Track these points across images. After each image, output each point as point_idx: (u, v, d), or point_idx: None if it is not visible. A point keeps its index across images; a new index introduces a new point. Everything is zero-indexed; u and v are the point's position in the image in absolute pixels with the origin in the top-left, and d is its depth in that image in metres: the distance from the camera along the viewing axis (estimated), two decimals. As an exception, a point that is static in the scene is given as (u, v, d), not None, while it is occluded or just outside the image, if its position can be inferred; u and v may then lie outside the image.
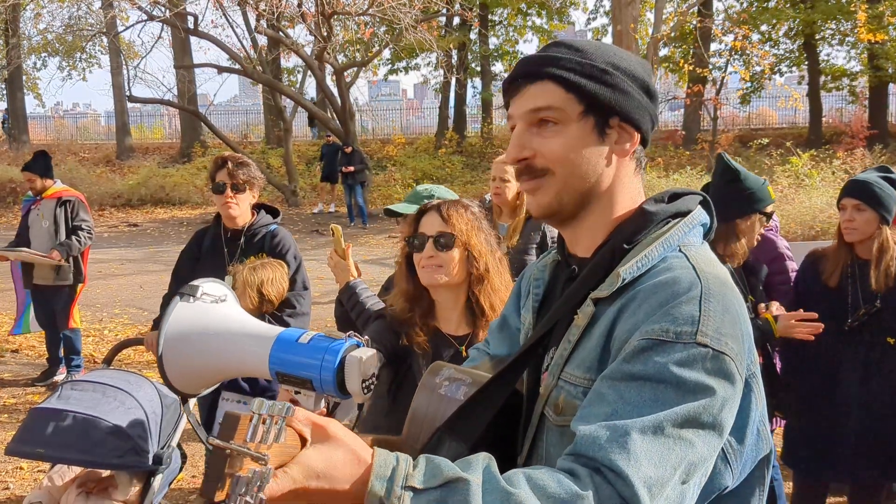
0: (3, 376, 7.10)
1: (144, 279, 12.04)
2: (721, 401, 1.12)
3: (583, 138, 1.31)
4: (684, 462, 1.08)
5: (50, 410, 2.98)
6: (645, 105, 1.34)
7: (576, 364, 1.27)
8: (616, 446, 1.06)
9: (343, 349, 1.50)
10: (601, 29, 29.92)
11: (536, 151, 1.32)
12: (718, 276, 1.23)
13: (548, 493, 1.03)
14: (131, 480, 3.07)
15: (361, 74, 21.91)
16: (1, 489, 4.77)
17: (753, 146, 21.29)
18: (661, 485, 1.06)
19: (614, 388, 1.13)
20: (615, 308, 1.23)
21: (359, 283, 3.01)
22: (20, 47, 25.77)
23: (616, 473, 1.05)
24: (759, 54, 19.90)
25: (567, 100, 1.30)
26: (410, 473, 1.03)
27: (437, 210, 2.44)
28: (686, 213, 1.34)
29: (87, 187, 21.77)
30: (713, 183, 3.50)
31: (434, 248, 2.38)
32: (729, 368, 1.13)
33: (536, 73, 1.32)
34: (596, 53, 1.32)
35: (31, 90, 30.21)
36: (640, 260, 1.25)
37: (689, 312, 1.15)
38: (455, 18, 25.79)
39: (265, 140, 28.47)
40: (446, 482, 1.02)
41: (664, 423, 1.08)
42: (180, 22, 19.20)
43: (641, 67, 1.35)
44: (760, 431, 1.26)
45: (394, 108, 39.04)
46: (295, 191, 21.31)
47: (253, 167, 3.79)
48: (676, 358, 1.12)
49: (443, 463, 1.05)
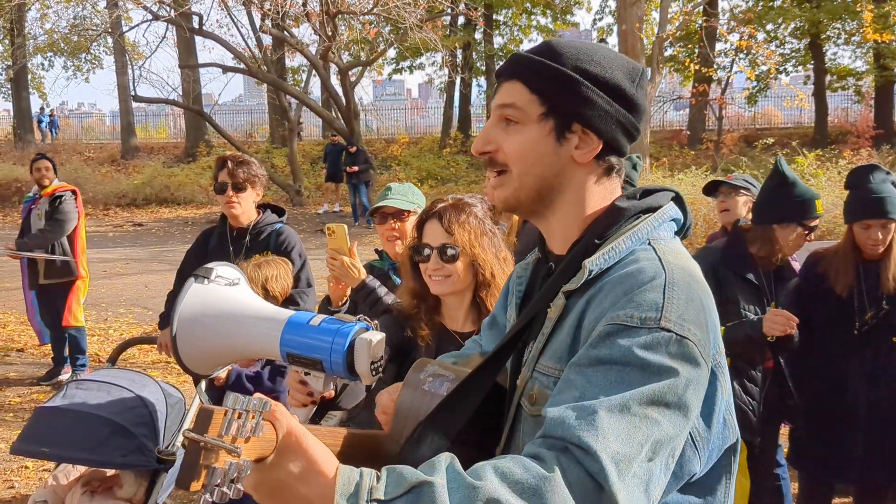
0: (8, 375, 7.10)
1: (149, 278, 12.05)
2: (685, 381, 1.14)
3: (539, 140, 1.34)
4: (650, 440, 1.10)
5: (55, 409, 2.98)
6: (613, 112, 1.33)
7: (548, 355, 1.30)
8: (584, 424, 1.08)
9: (353, 332, 1.54)
10: (606, 28, 29.89)
11: (499, 146, 1.36)
12: (685, 267, 1.26)
13: (514, 479, 1.04)
14: (136, 479, 3.07)
15: (366, 74, 21.95)
16: (6, 488, 4.77)
17: (758, 146, 21.27)
18: (629, 461, 1.07)
19: (581, 373, 1.16)
20: (584, 299, 1.27)
21: (374, 281, 3.00)
22: (25, 47, 25.82)
23: (583, 450, 1.06)
24: (764, 54, 19.88)
25: (530, 101, 1.34)
26: (374, 486, 1.03)
27: (438, 219, 2.41)
28: (657, 208, 1.37)
29: (92, 187, 21.84)
30: (763, 185, 3.47)
31: (439, 261, 2.38)
32: (692, 353, 1.16)
33: (510, 72, 1.37)
34: (573, 58, 1.33)
35: (37, 90, 30.26)
36: (606, 253, 1.28)
37: (653, 299, 1.18)
38: (460, 18, 25.82)
39: (270, 140, 28.51)
40: (410, 488, 1.03)
41: (630, 402, 1.10)
42: (185, 21, 19.23)
43: (624, 74, 1.35)
44: (727, 420, 1.29)
45: (398, 107, 39.04)
46: (300, 190, 21.32)
47: (254, 165, 3.79)
48: (640, 341, 1.14)
49: (405, 470, 1.05)
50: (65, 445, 2.90)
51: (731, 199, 4.43)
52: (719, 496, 1.32)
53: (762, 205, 3.47)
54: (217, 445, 0.98)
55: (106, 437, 2.91)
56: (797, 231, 3.36)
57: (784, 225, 3.34)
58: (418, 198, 3.27)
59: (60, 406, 2.98)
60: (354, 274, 2.97)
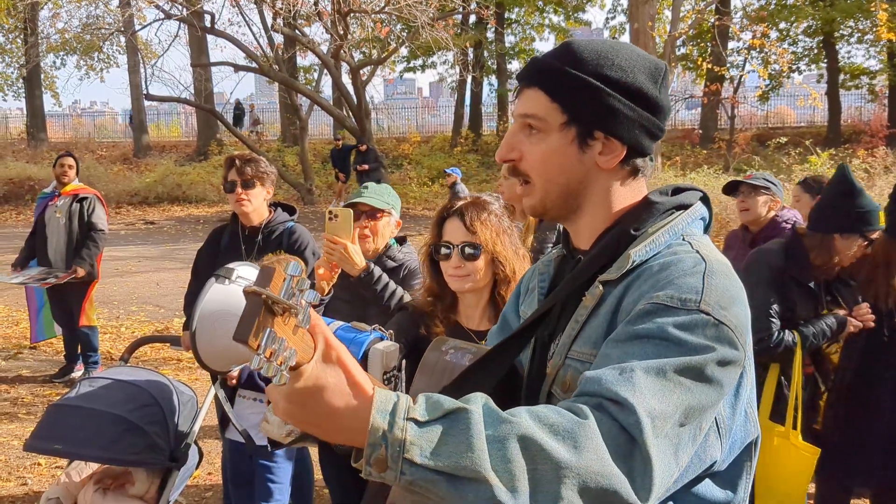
0: (21, 373, 7.13)
1: (161, 276, 12.09)
2: (720, 359, 1.15)
3: (561, 149, 1.34)
4: (684, 404, 1.10)
5: (67, 407, 2.98)
6: (636, 117, 1.33)
7: (582, 342, 1.31)
8: (621, 380, 1.09)
9: (367, 341, 1.56)
10: (618, 27, 29.81)
11: (522, 155, 1.37)
12: (721, 260, 1.28)
13: (549, 422, 1.04)
14: (148, 477, 3.07)
15: (378, 72, 21.92)
16: (19, 485, 4.78)
17: (771, 145, 21.15)
18: (664, 419, 1.08)
19: (618, 347, 1.17)
20: (621, 287, 1.28)
21: (377, 268, 2.98)
22: (38, 46, 25.94)
23: (619, 403, 1.06)
24: (777, 52, 19.76)
25: (551, 109, 1.33)
26: (412, 406, 1.03)
27: (459, 217, 2.43)
28: (688, 206, 1.38)
29: (105, 185, 21.91)
30: (826, 191, 3.37)
31: (460, 258, 2.40)
32: (729, 336, 1.17)
33: (531, 78, 1.36)
34: (593, 63, 1.32)
35: (49, 89, 30.40)
36: (648, 244, 1.30)
37: (693, 284, 1.19)
38: (471, 16, 25.79)
39: (281, 138, 28.56)
40: (447, 413, 1.03)
41: (666, 368, 1.11)
42: (197, 20, 19.27)
43: (646, 74, 1.34)
44: (748, 414, 1.30)
45: (409, 106, 39.05)
46: (311, 189, 21.35)
47: (262, 163, 3.78)
48: (679, 321, 1.15)
49: (442, 398, 1.05)
50: (77, 442, 2.90)
51: (752, 198, 4.40)
52: (740, 492, 1.32)
53: (824, 212, 3.34)
54: (279, 301, 0.97)
55: (118, 435, 2.91)
56: (858, 242, 3.25)
57: (846, 235, 3.24)
58: (394, 199, 3.28)
59: (73, 403, 2.98)
60: (357, 260, 2.92)
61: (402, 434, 1.00)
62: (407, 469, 1.00)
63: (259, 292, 0.97)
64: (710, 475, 1.26)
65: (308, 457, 3.84)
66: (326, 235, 2.93)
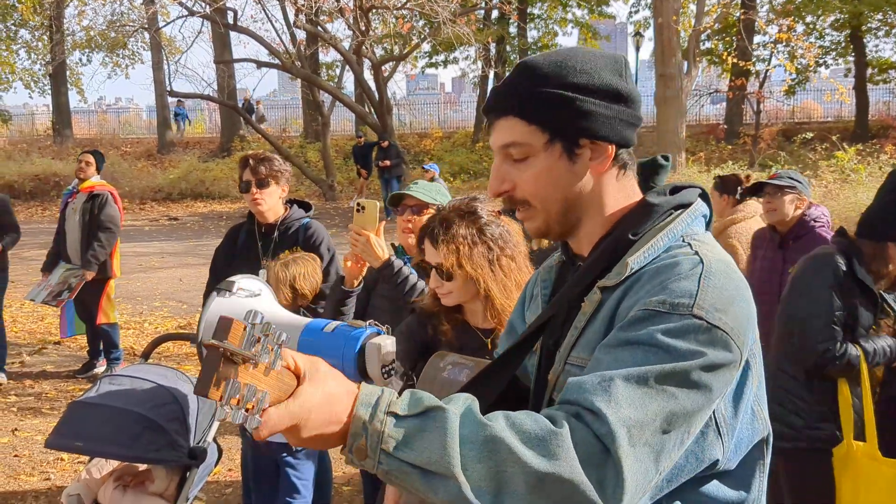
0: (45, 368, 7.21)
1: (184, 272, 12.17)
2: (710, 363, 1.15)
3: (552, 166, 1.34)
4: (665, 411, 1.12)
5: (88, 404, 3.00)
6: (614, 115, 1.33)
7: (581, 347, 1.31)
8: (598, 389, 1.12)
9: (363, 336, 1.61)
10: (643, 21, 29.62)
11: (515, 184, 1.37)
12: (721, 259, 1.28)
13: (524, 428, 1.08)
14: (168, 474, 3.08)
15: (399, 68, 21.93)
16: (42, 479, 4.83)
17: (797, 140, 20.90)
18: (640, 427, 1.09)
19: (609, 353, 1.19)
20: (619, 292, 1.28)
21: (398, 260, 2.97)
22: (64, 43, 26.21)
23: (594, 413, 1.09)
24: (803, 46, 19.54)
25: (530, 132, 1.33)
26: (394, 401, 1.11)
27: (429, 237, 2.41)
28: (688, 205, 1.38)
29: (129, 181, 22.15)
30: (878, 197, 3.20)
31: (438, 279, 2.40)
32: (723, 339, 1.17)
33: (501, 108, 1.36)
34: (557, 75, 1.32)
35: (75, 85, 30.72)
36: (647, 250, 1.30)
37: (687, 287, 1.20)
38: (494, 12, 25.72)
39: (303, 134, 28.66)
40: (426, 409, 1.09)
41: (648, 375, 1.12)
42: (220, 17, 19.37)
43: (610, 71, 1.34)
44: (755, 412, 1.30)
45: (431, 101, 39.05)
46: (332, 185, 21.42)
47: (276, 161, 3.78)
48: (670, 327, 1.16)
49: (425, 395, 1.12)
50: (97, 440, 2.92)
51: (778, 198, 4.31)
52: (754, 491, 1.32)
53: (878, 219, 3.16)
54: (237, 352, 0.99)
55: (138, 433, 2.92)
56: None
57: None
58: (442, 198, 3.23)
59: (93, 401, 3.00)
60: (379, 253, 2.90)
61: (382, 426, 1.08)
62: (383, 459, 1.08)
63: (216, 346, 0.99)
64: (718, 475, 1.27)
65: (327, 455, 3.85)
66: (353, 227, 2.92)
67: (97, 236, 6.62)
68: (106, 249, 6.66)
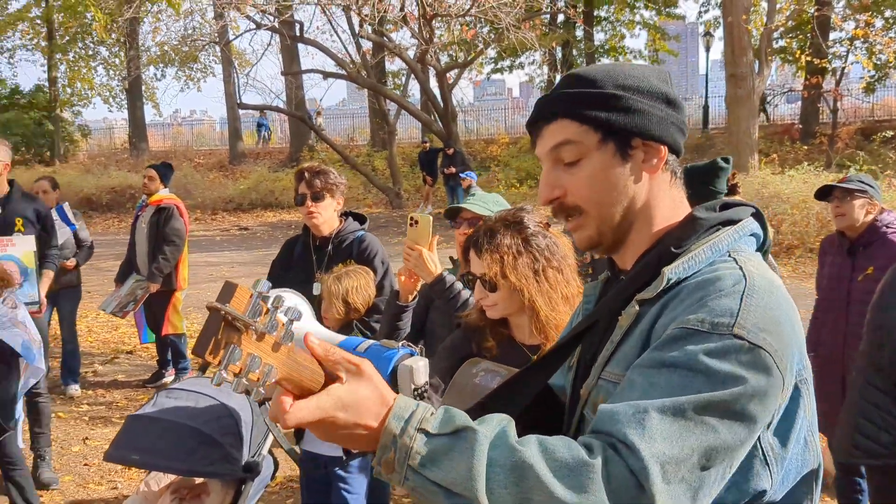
0: (117, 377, 7.39)
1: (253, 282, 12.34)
2: (752, 391, 1.09)
3: (606, 165, 1.31)
4: (703, 446, 1.06)
5: (144, 418, 3.03)
6: (665, 116, 1.32)
7: (616, 362, 1.27)
8: (633, 421, 1.07)
9: (396, 358, 1.56)
10: (713, 21, 28.99)
11: (566, 189, 1.33)
12: (767, 277, 1.21)
13: (555, 457, 1.05)
14: (223, 488, 3.09)
15: (465, 75, 21.92)
16: (109, 488, 4.93)
17: (877, 139, 20.16)
18: (676, 464, 1.05)
19: (644, 375, 1.14)
20: (658, 306, 1.23)
21: (451, 276, 2.94)
22: (139, 59, 27.02)
23: (628, 447, 1.05)
24: (882, 42, 18.81)
25: (583, 132, 1.30)
26: (426, 418, 1.09)
27: (474, 247, 2.34)
28: (736, 221, 1.33)
29: (201, 192, 22.66)
30: None
31: (483, 290, 2.34)
32: (766, 362, 1.10)
33: (551, 113, 1.33)
34: (605, 79, 1.31)
35: (150, 99, 31.67)
36: (686, 261, 1.25)
37: (729, 305, 1.14)
38: (559, 15, 25.52)
39: (370, 143, 28.91)
40: (456, 430, 1.08)
41: (685, 406, 1.07)
42: (287, 30, 19.67)
43: (657, 79, 1.34)
44: (808, 442, 1.23)
45: (498, 107, 38.97)
46: (399, 193, 21.54)
47: (332, 174, 3.78)
48: (710, 348, 1.10)
49: (459, 414, 1.10)
50: (154, 453, 2.95)
51: (847, 203, 4.13)
52: None
53: None
54: (238, 318, 0.96)
55: (194, 447, 2.94)
56: None
57: None
58: (498, 208, 3.18)
59: (150, 415, 3.03)
60: (431, 268, 2.87)
61: (411, 442, 1.07)
62: (410, 475, 1.07)
63: (217, 308, 0.95)
64: None
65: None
66: (407, 241, 2.91)
67: (162, 249, 6.75)
68: (170, 262, 6.78)
